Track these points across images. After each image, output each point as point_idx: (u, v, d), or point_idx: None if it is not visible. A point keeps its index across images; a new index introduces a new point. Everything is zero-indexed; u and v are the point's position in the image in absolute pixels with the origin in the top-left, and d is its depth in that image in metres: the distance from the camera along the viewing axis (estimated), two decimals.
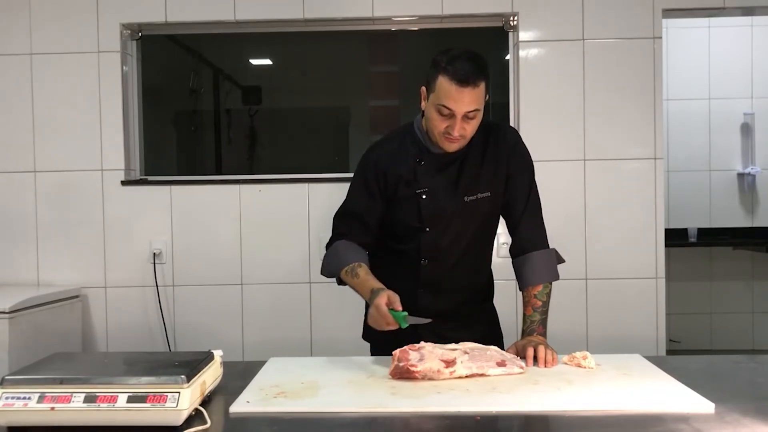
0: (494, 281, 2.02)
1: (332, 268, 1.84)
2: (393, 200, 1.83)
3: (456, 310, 1.87)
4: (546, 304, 1.81)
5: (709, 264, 4.64)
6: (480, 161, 1.81)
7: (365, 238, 1.85)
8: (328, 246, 1.89)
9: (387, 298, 1.64)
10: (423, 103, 1.76)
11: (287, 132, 3.49)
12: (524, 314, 1.81)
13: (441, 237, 1.81)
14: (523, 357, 1.64)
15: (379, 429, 1.25)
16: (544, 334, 1.78)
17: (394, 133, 1.91)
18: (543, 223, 1.88)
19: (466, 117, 1.66)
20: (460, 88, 1.62)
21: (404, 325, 1.62)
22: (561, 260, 1.88)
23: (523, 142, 1.88)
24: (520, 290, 1.85)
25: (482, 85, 1.65)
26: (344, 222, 1.87)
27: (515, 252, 1.86)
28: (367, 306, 1.97)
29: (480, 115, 1.70)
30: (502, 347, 1.80)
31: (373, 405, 1.32)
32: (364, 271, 1.76)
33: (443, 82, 1.64)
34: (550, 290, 1.83)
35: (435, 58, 1.69)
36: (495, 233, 1.93)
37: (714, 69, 4.63)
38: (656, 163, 2.97)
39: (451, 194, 1.79)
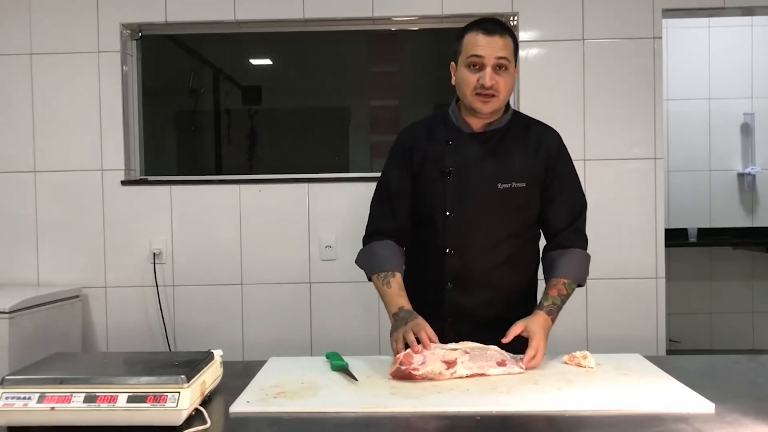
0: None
1: (365, 268, 1.83)
2: (418, 179, 1.79)
3: (487, 312, 1.77)
4: (567, 297, 1.77)
5: (709, 264, 4.64)
6: (517, 150, 1.76)
7: (401, 222, 1.82)
8: (364, 239, 1.86)
9: (422, 329, 1.58)
10: (453, 79, 1.76)
11: (287, 132, 3.49)
12: (547, 293, 1.75)
13: (467, 223, 1.74)
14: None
15: (379, 429, 1.25)
16: (553, 321, 1.73)
17: (426, 117, 1.91)
18: (585, 228, 1.86)
19: (497, 67, 1.66)
20: (486, 36, 1.65)
21: (333, 367, 1.58)
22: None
23: (565, 145, 1.85)
24: (548, 276, 1.80)
25: (509, 40, 1.68)
26: (379, 208, 1.85)
27: (553, 246, 1.81)
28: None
29: (512, 73, 1.70)
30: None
31: (373, 405, 1.32)
32: (396, 284, 1.74)
33: (470, 37, 1.68)
34: (574, 289, 1.79)
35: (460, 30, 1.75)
36: (535, 233, 1.86)
37: (714, 69, 4.63)
38: (656, 163, 2.97)
39: (483, 177, 1.73)
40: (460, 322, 1.75)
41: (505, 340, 1.62)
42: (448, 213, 1.75)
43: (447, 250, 1.76)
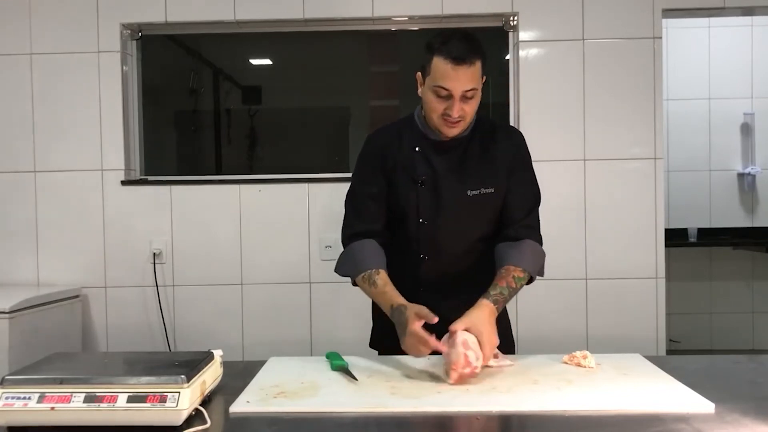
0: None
1: (348, 270, 1.79)
2: (391, 187, 1.78)
3: (461, 313, 1.71)
4: (515, 291, 1.69)
5: (709, 264, 4.64)
6: (483, 156, 1.76)
7: (378, 224, 1.80)
8: (344, 242, 1.83)
9: (418, 319, 1.55)
10: (419, 89, 1.73)
11: (287, 132, 3.49)
12: (496, 283, 1.67)
13: (441, 231, 1.76)
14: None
15: (379, 429, 1.24)
16: (498, 312, 1.65)
17: (393, 123, 1.88)
18: (539, 224, 1.82)
19: (464, 97, 1.63)
20: (455, 67, 1.60)
21: (333, 367, 1.58)
22: (542, 272, 1.80)
23: (527, 146, 1.84)
24: (498, 267, 1.72)
25: (478, 64, 1.62)
26: (354, 211, 1.82)
27: (503, 239, 1.77)
28: (374, 312, 1.93)
29: (478, 96, 1.67)
30: (513, 352, 1.79)
31: (373, 405, 1.32)
32: (382, 280, 1.70)
33: (438, 63, 1.62)
34: (523, 285, 1.72)
35: (428, 41, 1.67)
36: None
37: (714, 69, 4.63)
38: (656, 163, 2.97)
39: (453, 186, 1.75)
40: (436, 325, 1.70)
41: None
42: (421, 220, 1.76)
43: (421, 256, 1.78)
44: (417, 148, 1.77)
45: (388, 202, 1.81)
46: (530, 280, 1.75)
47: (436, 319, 1.54)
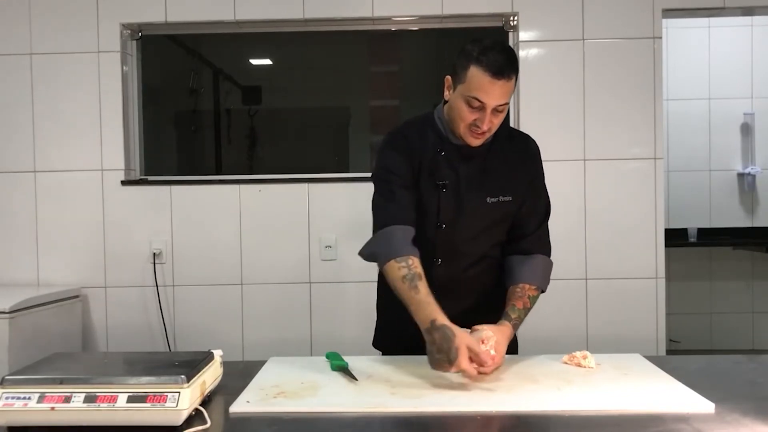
0: None
1: (380, 252, 1.66)
2: (415, 185, 1.74)
3: (472, 319, 1.70)
4: (529, 311, 1.73)
5: (709, 264, 4.64)
6: (502, 164, 1.76)
7: (414, 213, 1.71)
8: (375, 226, 1.72)
9: (467, 354, 1.45)
10: (447, 93, 1.70)
11: (287, 132, 3.49)
12: (514, 304, 1.69)
13: (458, 236, 1.75)
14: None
15: (379, 429, 1.25)
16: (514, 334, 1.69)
17: (414, 121, 1.83)
18: (549, 235, 1.84)
19: (496, 110, 1.62)
20: (493, 80, 1.57)
21: (333, 367, 1.57)
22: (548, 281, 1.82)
23: (540, 155, 1.84)
24: (511, 284, 1.75)
25: (514, 78, 1.62)
26: (389, 197, 1.70)
27: (516, 251, 1.80)
28: (381, 313, 1.92)
29: (507, 109, 1.66)
30: (516, 352, 1.80)
31: (373, 405, 1.32)
32: (425, 288, 1.58)
33: (476, 73, 1.58)
34: (535, 303, 1.75)
35: (465, 47, 1.63)
36: None
37: (714, 69, 4.63)
38: (656, 163, 2.97)
39: (474, 192, 1.73)
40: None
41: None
42: (439, 224, 1.74)
43: (434, 259, 1.76)
44: (441, 152, 1.75)
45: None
46: None
47: (487, 363, 1.48)
